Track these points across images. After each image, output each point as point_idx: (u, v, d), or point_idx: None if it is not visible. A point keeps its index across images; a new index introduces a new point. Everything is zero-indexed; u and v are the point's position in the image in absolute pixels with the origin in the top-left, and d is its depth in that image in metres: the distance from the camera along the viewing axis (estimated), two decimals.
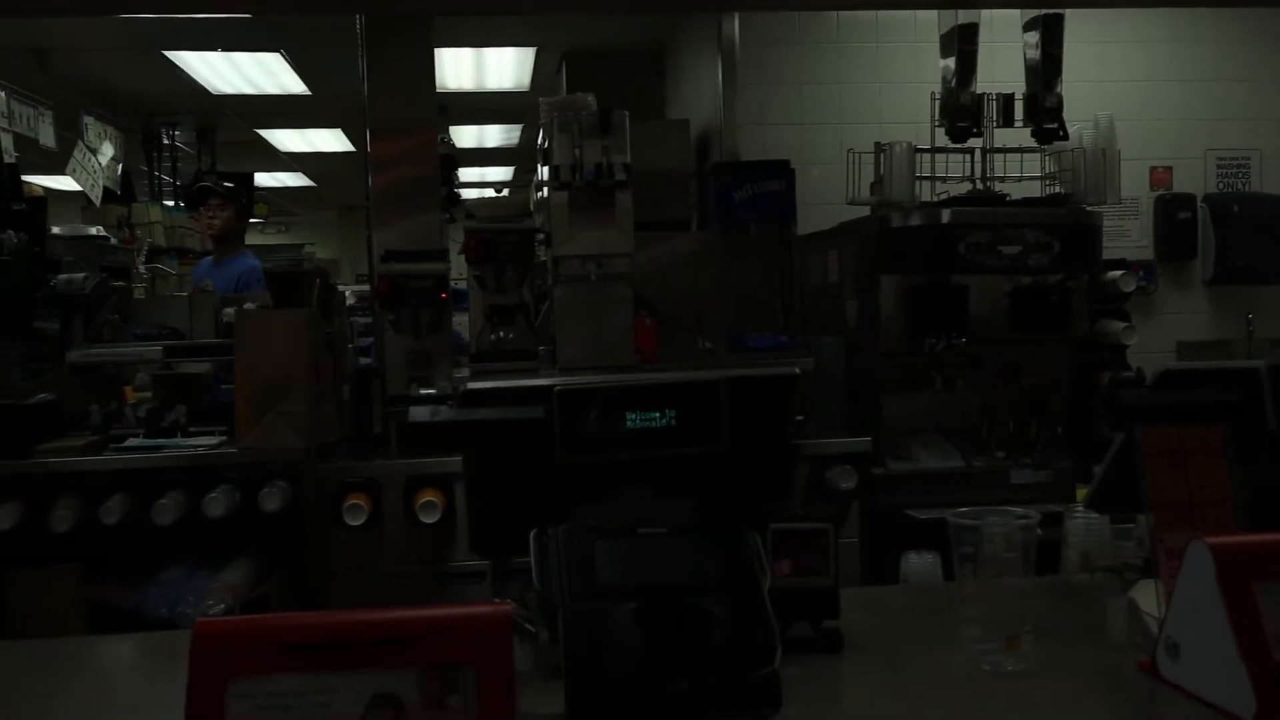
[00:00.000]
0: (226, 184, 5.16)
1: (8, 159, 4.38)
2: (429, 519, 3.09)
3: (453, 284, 3.73)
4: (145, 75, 6.87)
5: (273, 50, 6.33)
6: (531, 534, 1.15)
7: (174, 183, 8.59)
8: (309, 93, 7.33)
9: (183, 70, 6.65)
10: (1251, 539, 1.34)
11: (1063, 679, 1.43)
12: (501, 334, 3.51)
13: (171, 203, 8.42)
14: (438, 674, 0.96)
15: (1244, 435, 1.62)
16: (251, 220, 5.76)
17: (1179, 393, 1.67)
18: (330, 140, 9.55)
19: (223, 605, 3.00)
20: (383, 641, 0.96)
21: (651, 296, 3.74)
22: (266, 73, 6.84)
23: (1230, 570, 1.28)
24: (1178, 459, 1.55)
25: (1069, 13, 3.75)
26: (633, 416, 1.41)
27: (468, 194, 11.16)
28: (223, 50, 6.29)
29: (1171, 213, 4.74)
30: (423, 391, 3.26)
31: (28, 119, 5.63)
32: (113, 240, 6.91)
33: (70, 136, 6.41)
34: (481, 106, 7.78)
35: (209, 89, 7.15)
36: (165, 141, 8.48)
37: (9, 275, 3.38)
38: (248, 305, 3.70)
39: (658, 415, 1.42)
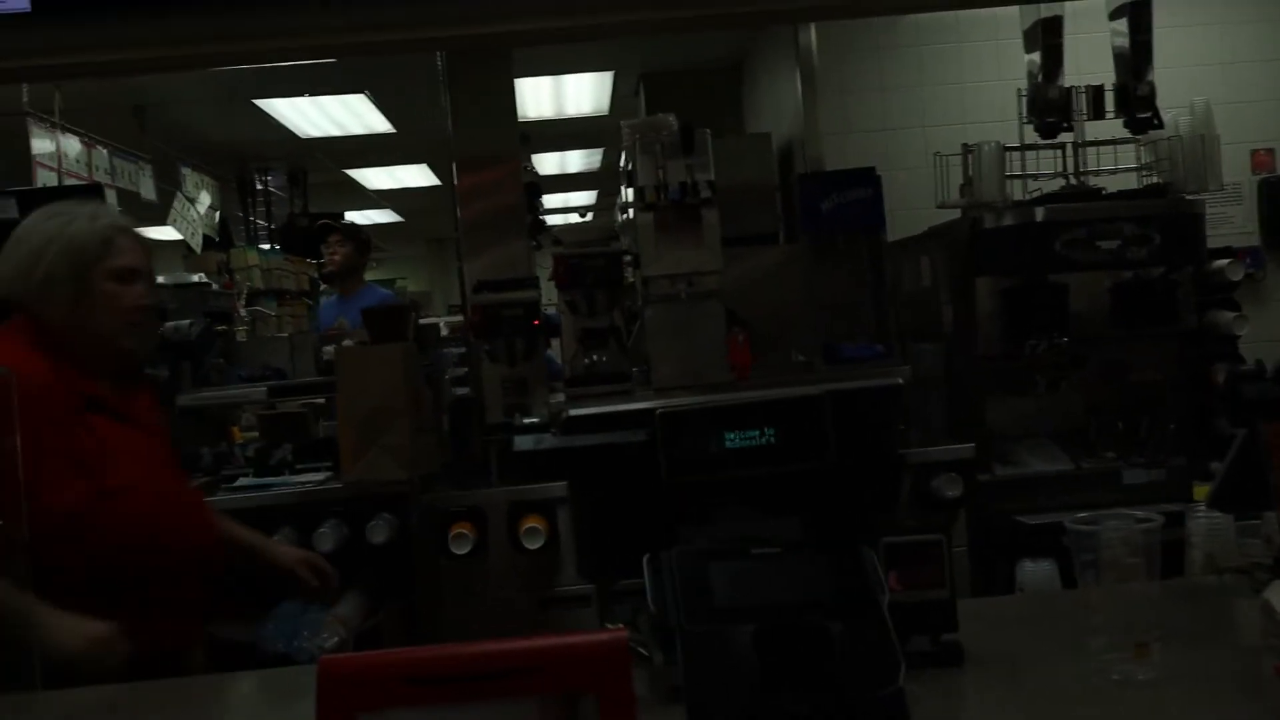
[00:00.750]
0: (346, 222, 5.35)
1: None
2: (533, 545, 3.10)
3: (543, 310, 3.76)
4: (237, 124, 7.09)
5: (358, 92, 6.48)
6: (645, 558, 1.15)
7: (269, 226, 8.83)
8: (394, 130, 7.49)
9: (272, 117, 6.85)
10: None
11: (1196, 686, 1.38)
12: (595, 358, 3.53)
13: (268, 246, 8.66)
14: (559, 702, 0.97)
15: None
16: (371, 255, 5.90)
17: None
18: (416, 175, 9.74)
19: (336, 638, 3.05)
20: (504, 673, 0.97)
21: (742, 312, 3.72)
22: (352, 114, 7.00)
23: None
24: None
25: None
26: (736, 435, 1.40)
27: (552, 220, 11.28)
28: (310, 95, 6.46)
29: (1276, 196, 4.59)
30: (525, 420, 3.28)
31: (129, 174, 5.84)
32: (214, 286, 7.12)
33: (169, 188, 6.63)
34: (562, 133, 7.86)
35: (298, 133, 7.35)
36: (259, 187, 8.72)
37: None
38: (346, 342, 3.78)
39: (761, 433, 1.41)
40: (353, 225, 5.37)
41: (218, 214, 7.46)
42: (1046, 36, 3.59)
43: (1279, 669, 1.36)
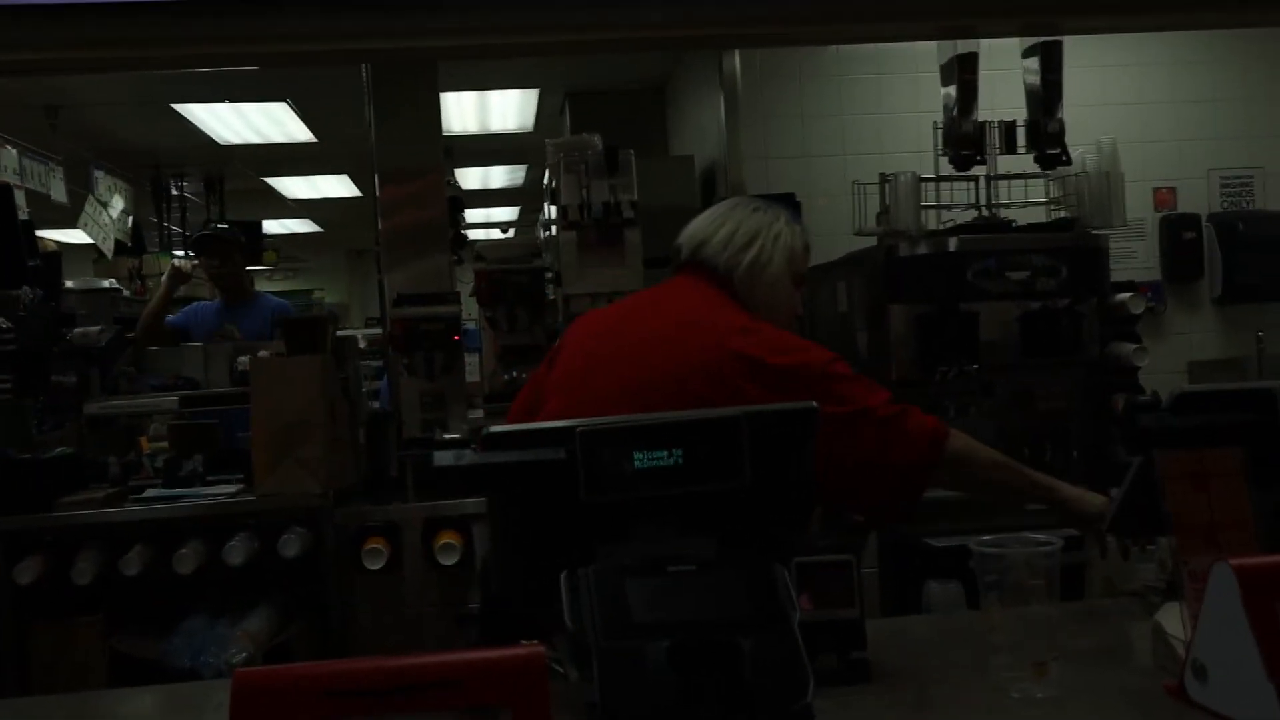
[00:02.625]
0: (222, 226, 5.18)
1: (21, 216, 4.43)
2: (448, 561, 3.10)
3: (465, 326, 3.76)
4: (153, 128, 6.95)
5: (279, 100, 6.40)
6: (563, 574, 1.17)
7: (183, 233, 8.65)
8: (315, 140, 7.41)
9: (190, 122, 6.73)
10: (1275, 560, 1.35)
11: (1092, 704, 1.44)
12: (515, 374, 3.54)
13: (181, 253, 8.48)
14: (475, 716, 0.98)
15: (1260, 457, 1.63)
16: (260, 266, 5.75)
17: (1196, 415, 1.68)
18: (337, 186, 9.63)
19: (245, 654, 3.01)
20: (420, 687, 0.97)
21: None
22: (273, 122, 6.91)
23: (1255, 591, 1.28)
24: (1199, 482, 1.56)
25: (1067, 39, 3.78)
26: (654, 455, 1.42)
27: (474, 235, 11.22)
28: (229, 102, 6.37)
29: (1177, 233, 4.76)
30: (445, 436, 3.28)
31: (39, 175, 5.69)
32: (125, 292, 6.96)
33: (80, 191, 6.47)
34: (486, 148, 7.85)
35: (216, 139, 7.23)
36: (174, 192, 8.55)
37: (27, 330, 3.42)
38: (262, 353, 3.73)
39: (679, 453, 1.43)
40: (235, 236, 5.14)
41: (131, 218, 7.30)
42: (962, 72, 3.69)
43: (1168, 687, 1.43)
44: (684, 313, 2.17)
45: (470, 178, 9.21)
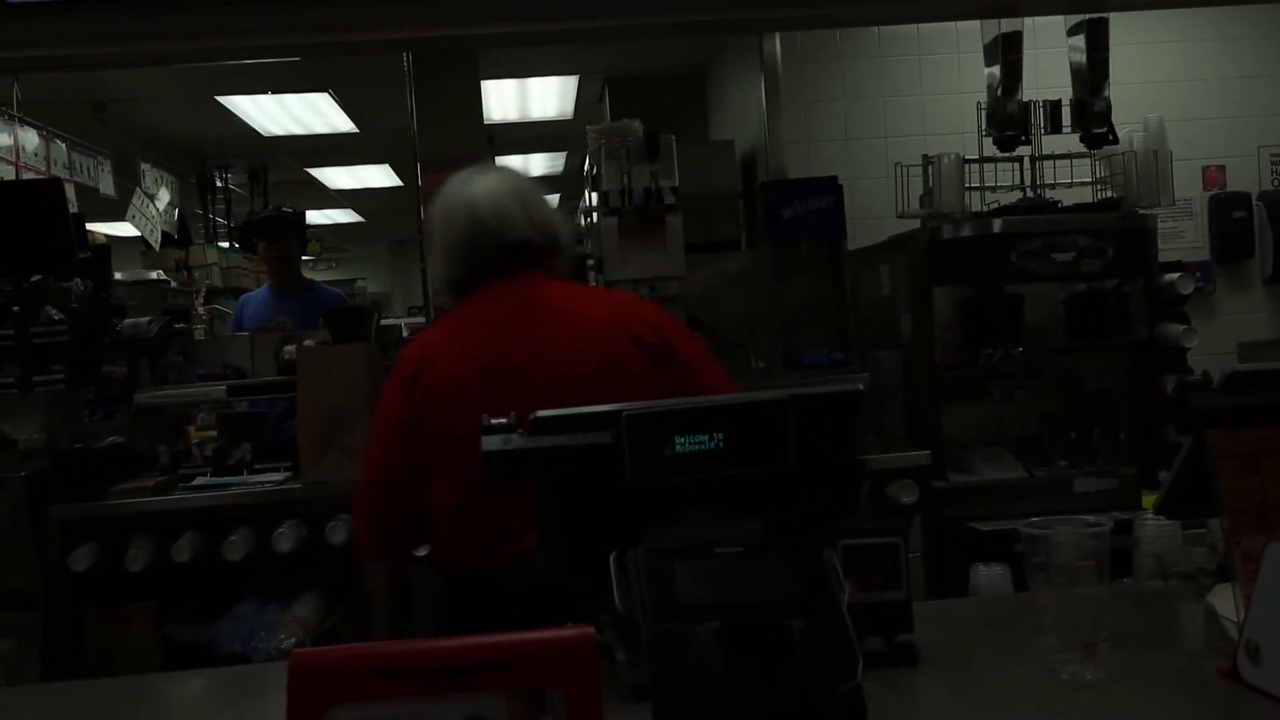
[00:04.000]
0: (285, 209, 5.17)
1: (71, 209, 4.50)
2: None
3: None
4: (198, 121, 7.04)
5: (321, 91, 6.46)
6: (612, 556, 1.18)
7: (228, 224, 8.76)
8: (357, 130, 7.47)
9: (234, 114, 6.81)
10: None
11: (1142, 686, 1.42)
12: None
13: (227, 244, 8.59)
14: (527, 697, 0.99)
15: None
16: (304, 257, 5.74)
17: (1247, 395, 1.66)
18: (379, 176, 9.71)
19: (294, 639, 3.05)
20: (473, 667, 0.98)
21: (704, 317, 3.75)
22: (315, 113, 6.98)
23: None
24: (1251, 462, 1.54)
25: (1113, 16, 3.73)
26: (700, 439, 1.42)
27: None
28: (272, 93, 6.43)
29: (1226, 212, 4.69)
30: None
31: (88, 169, 5.78)
32: (172, 283, 7.07)
33: (128, 184, 6.57)
34: (527, 136, 7.88)
35: (260, 131, 7.31)
36: (219, 184, 8.65)
37: (79, 321, 3.48)
38: (307, 342, 3.77)
39: (724, 436, 1.43)
40: (293, 216, 5.09)
41: (177, 211, 7.40)
42: (1006, 51, 3.66)
43: (1222, 670, 1.41)
44: (590, 306, 2.20)
45: (511, 165, 9.24)
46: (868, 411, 3.64)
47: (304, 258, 5.38)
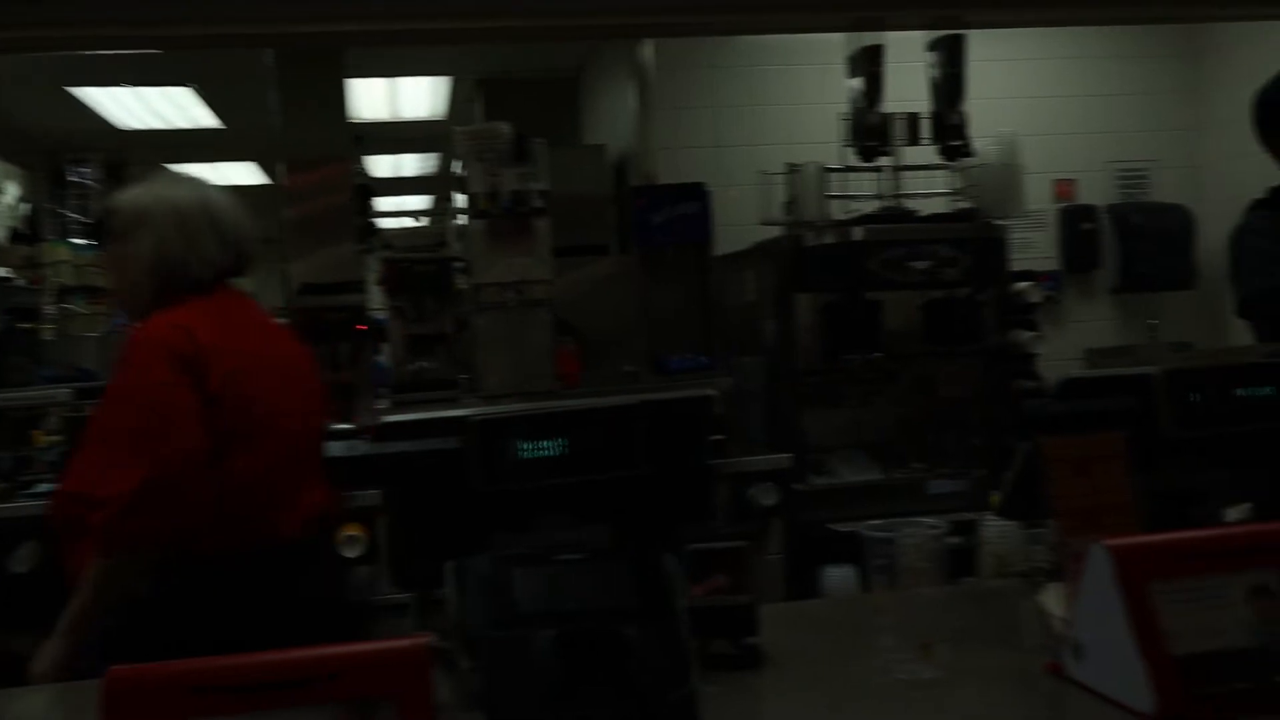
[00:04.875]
0: None
1: None
2: (352, 553, 3.06)
3: (372, 316, 3.72)
4: (51, 112, 6.74)
5: (183, 85, 6.25)
6: (449, 564, 1.16)
7: (83, 220, 8.40)
8: (221, 126, 7.25)
9: (89, 107, 6.54)
10: (1148, 540, 1.39)
11: (975, 683, 1.47)
12: (422, 364, 3.51)
13: (81, 241, 8.24)
14: (357, 709, 0.97)
15: (1141, 440, 1.68)
16: None
17: (1079, 401, 1.73)
18: (243, 174, 9.44)
19: None
20: (300, 681, 0.96)
21: (574, 321, 3.76)
22: (176, 107, 6.75)
23: (1128, 571, 1.33)
24: (1081, 466, 1.60)
25: (971, 32, 3.85)
26: (550, 444, 1.42)
27: (386, 223, 11.06)
28: (130, 85, 6.20)
29: (1075, 224, 4.89)
30: (337, 426, 3.24)
31: None
32: (19, 281, 6.74)
33: None
34: (397, 136, 7.75)
35: (117, 125, 7.03)
36: (73, 179, 8.29)
37: None
38: None
39: (574, 442, 1.43)
40: None
41: (26, 206, 7.08)
42: (868, 64, 3.74)
43: (1049, 666, 1.47)
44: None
45: (382, 165, 9.09)
46: (731, 416, 3.69)
47: None
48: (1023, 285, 3.97)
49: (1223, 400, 1.71)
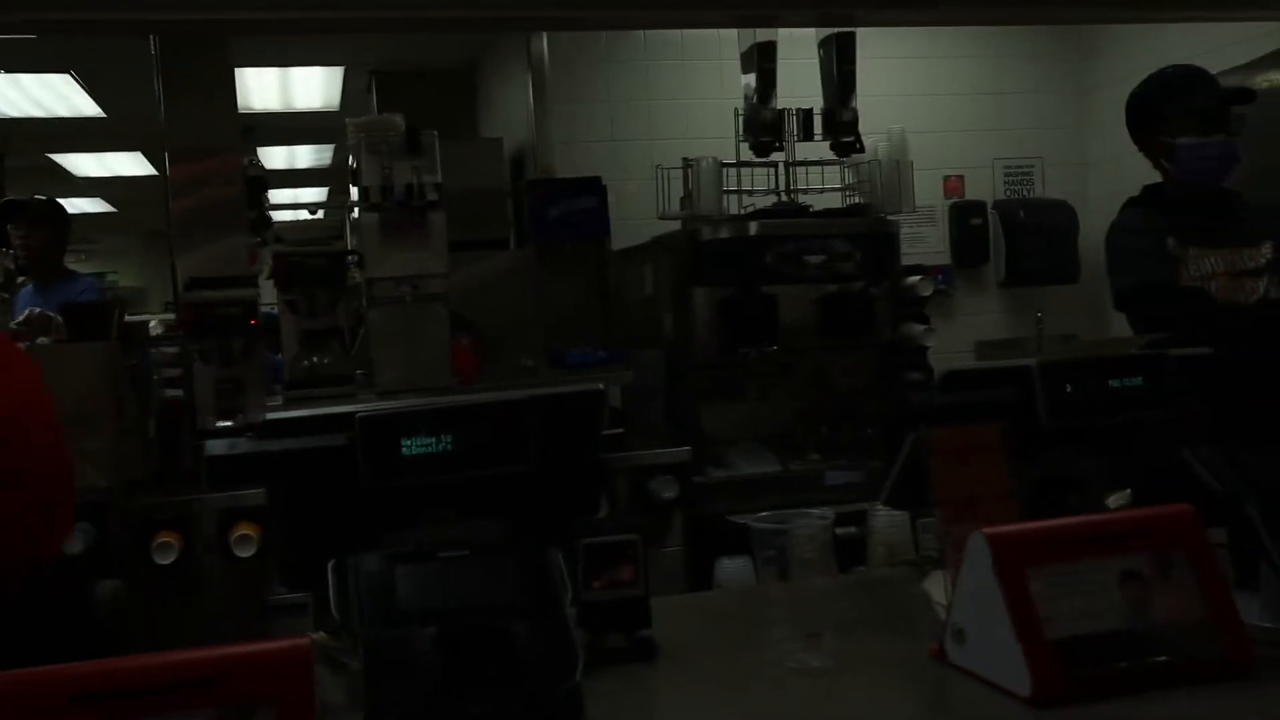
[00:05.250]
0: (39, 198, 4.85)
1: None
2: (245, 553, 3.00)
3: (266, 310, 3.63)
4: None
5: (61, 71, 6.04)
6: (330, 564, 1.15)
7: None
8: (104, 115, 7.02)
9: None
10: (1024, 528, 1.44)
11: (862, 671, 1.50)
12: (315, 359, 3.44)
13: None
14: (235, 713, 0.95)
15: (1021, 430, 1.73)
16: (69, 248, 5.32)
17: (961, 393, 1.77)
18: (130, 164, 9.16)
19: None
20: (177, 685, 0.94)
21: (471, 316, 3.73)
22: (56, 95, 6.52)
23: (1005, 558, 1.37)
24: (961, 456, 1.65)
25: (861, 30, 3.92)
26: (439, 440, 1.41)
27: (281, 216, 10.83)
28: (6, 72, 5.97)
29: (964, 219, 5.00)
30: (219, 424, 3.18)
31: None
32: None
33: None
34: (291, 126, 7.61)
35: None
36: None
37: None
38: (41, 340, 3.52)
39: (463, 438, 1.42)
40: (49, 203, 4.83)
41: None
42: (761, 60, 3.78)
43: (933, 652, 1.50)
44: None
45: (275, 157, 8.91)
46: (631, 410, 3.70)
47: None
48: (914, 279, 4.05)
49: (1097, 391, 1.77)
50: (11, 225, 4.68)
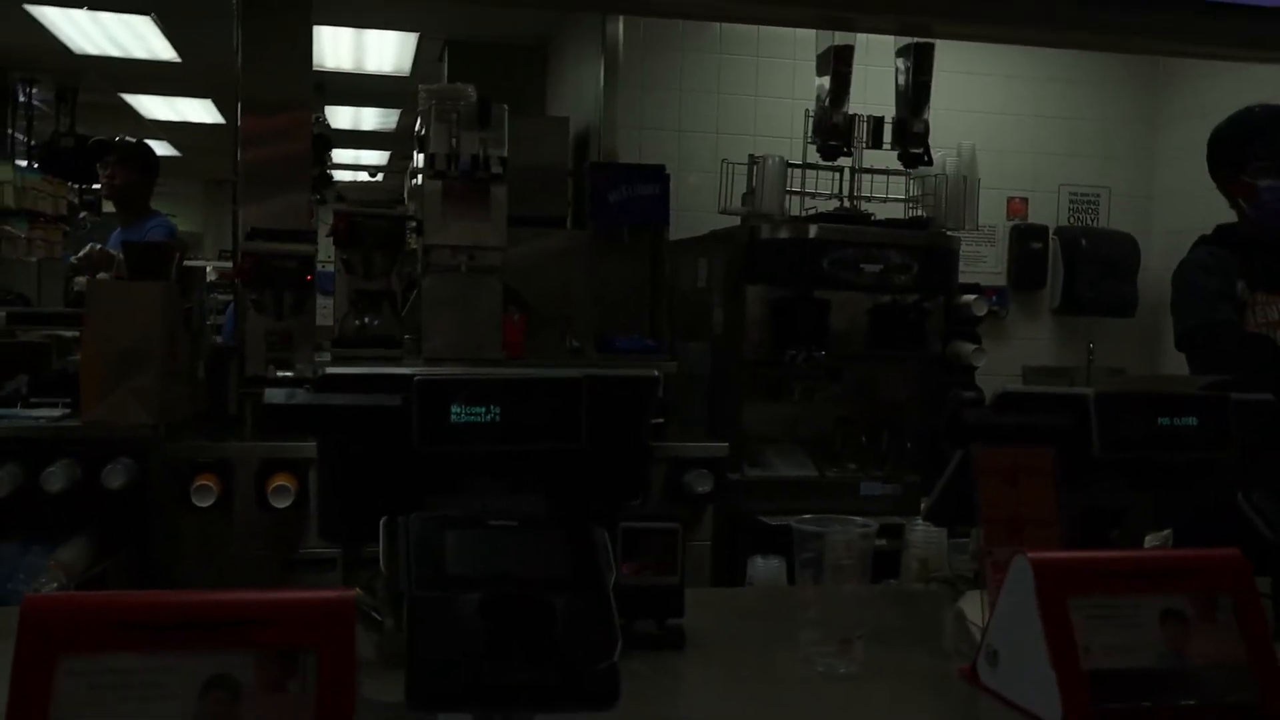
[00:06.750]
0: (129, 139, 4.93)
1: None
2: (281, 504, 3.03)
3: (320, 267, 3.67)
4: (3, 27, 6.56)
5: (142, 13, 6.11)
6: (382, 521, 1.16)
7: (28, 142, 8.21)
8: (179, 60, 7.10)
9: (44, 26, 6.37)
10: (1068, 555, 1.42)
11: (889, 682, 1.49)
12: (366, 320, 3.47)
13: (25, 163, 8.05)
14: (277, 657, 0.96)
15: (1071, 458, 1.71)
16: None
17: (1014, 415, 1.76)
18: (199, 110, 9.26)
19: (55, 584, 2.90)
20: (221, 623, 0.95)
21: (522, 292, 3.74)
22: (135, 35, 6.60)
23: (1047, 584, 1.35)
24: (1009, 477, 1.63)
25: (939, 43, 3.89)
26: (492, 410, 1.42)
27: (341, 176, 10.93)
28: (89, 9, 6.05)
29: (1025, 242, 4.96)
30: (280, 374, 3.20)
31: None
32: None
33: None
34: (359, 88, 7.66)
35: (71, 48, 6.86)
36: (21, 99, 8.09)
37: None
38: (101, 275, 3.58)
39: (516, 410, 1.43)
40: (137, 145, 4.92)
41: None
42: (836, 63, 3.76)
43: (963, 670, 1.50)
44: None
45: (341, 117, 8.98)
46: (672, 401, 3.71)
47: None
48: (969, 298, 4.02)
49: (1154, 426, 1.75)
50: (100, 164, 4.77)
